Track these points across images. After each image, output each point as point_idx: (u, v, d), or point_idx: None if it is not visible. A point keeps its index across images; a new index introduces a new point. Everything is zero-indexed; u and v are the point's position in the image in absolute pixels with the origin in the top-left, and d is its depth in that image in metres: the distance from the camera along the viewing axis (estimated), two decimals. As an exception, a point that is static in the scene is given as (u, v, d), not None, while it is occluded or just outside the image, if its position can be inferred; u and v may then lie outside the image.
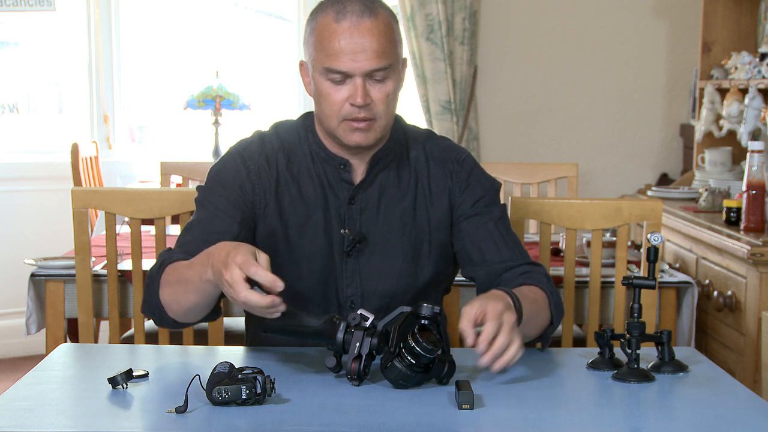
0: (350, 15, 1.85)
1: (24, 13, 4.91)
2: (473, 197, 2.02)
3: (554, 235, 3.42)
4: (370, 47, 1.84)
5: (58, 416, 1.58)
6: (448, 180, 2.02)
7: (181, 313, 1.85)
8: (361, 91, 1.86)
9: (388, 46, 1.87)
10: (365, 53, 1.84)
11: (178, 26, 5.32)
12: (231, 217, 1.94)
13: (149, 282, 1.88)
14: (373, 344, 1.69)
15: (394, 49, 1.89)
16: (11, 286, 4.68)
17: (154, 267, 1.89)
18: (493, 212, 2.03)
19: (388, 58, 1.87)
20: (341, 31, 1.85)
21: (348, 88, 1.87)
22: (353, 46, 1.84)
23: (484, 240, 2.00)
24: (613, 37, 5.05)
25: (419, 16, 4.85)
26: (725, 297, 3.18)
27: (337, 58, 1.85)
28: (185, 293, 1.80)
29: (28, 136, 5.16)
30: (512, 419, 1.57)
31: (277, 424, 1.51)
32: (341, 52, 1.85)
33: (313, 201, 1.97)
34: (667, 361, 1.84)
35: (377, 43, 1.85)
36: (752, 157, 3.17)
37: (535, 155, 5.03)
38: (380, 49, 1.85)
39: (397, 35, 1.91)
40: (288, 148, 2.00)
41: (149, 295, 1.88)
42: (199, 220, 1.95)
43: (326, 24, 1.87)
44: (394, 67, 1.89)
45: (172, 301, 1.84)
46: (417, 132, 2.09)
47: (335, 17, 1.86)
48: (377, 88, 1.88)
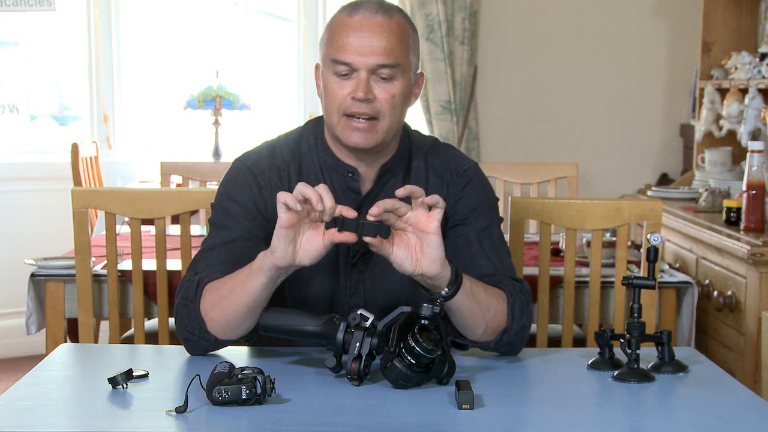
0: (363, 11, 1.86)
1: (24, 13, 4.91)
2: (465, 208, 1.98)
3: (554, 235, 3.42)
4: (378, 43, 1.84)
5: (58, 416, 1.58)
6: (443, 191, 1.98)
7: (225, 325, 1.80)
8: (363, 85, 1.84)
9: (397, 45, 1.86)
10: (372, 48, 1.84)
11: (178, 26, 5.32)
12: (257, 237, 1.91)
13: (184, 302, 1.83)
14: (373, 344, 1.69)
15: (405, 52, 1.87)
16: (11, 286, 4.68)
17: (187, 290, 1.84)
18: (479, 222, 1.97)
19: (396, 58, 1.85)
20: (352, 24, 1.85)
21: (352, 83, 1.86)
22: (361, 41, 1.84)
23: (462, 249, 1.95)
24: (613, 37, 5.05)
25: (419, 16, 4.85)
26: (725, 297, 3.18)
27: (344, 49, 1.85)
28: (236, 302, 1.77)
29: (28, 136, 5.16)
30: (512, 419, 1.57)
31: (277, 424, 1.51)
32: (349, 45, 1.84)
33: None
34: (667, 361, 1.83)
35: (386, 40, 1.84)
36: (752, 157, 3.17)
37: (535, 155, 5.03)
38: (389, 47, 1.84)
39: (411, 40, 1.90)
40: (299, 159, 1.98)
41: (187, 313, 1.83)
42: (224, 242, 1.90)
43: (339, 20, 1.88)
44: (402, 68, 1.87)
45: (217, 313, 1.79)
46: (421, 141, 2.04)
47: (349, 12, 1.87)
48: (382, 86, 1.86)
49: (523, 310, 1.88)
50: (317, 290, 1.96)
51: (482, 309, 1.82)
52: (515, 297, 1.88)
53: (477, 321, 1.83)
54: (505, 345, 1.88)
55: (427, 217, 1.72)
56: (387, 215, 1.70)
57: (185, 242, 2.72)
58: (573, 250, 2.71)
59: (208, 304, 1.81)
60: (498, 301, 1.85)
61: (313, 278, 1.96)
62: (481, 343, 1.87)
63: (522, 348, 1.92)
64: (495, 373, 1.80)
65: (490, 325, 1.85)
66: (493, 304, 1.84)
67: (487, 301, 1.83)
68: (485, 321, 1.83)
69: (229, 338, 1.84)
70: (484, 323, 1.83)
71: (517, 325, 1.87)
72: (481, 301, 1.81)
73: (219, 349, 1.88)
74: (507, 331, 1.86)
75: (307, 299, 1.95)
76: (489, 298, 1.83)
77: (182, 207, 2.68)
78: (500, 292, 1.87)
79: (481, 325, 1.84)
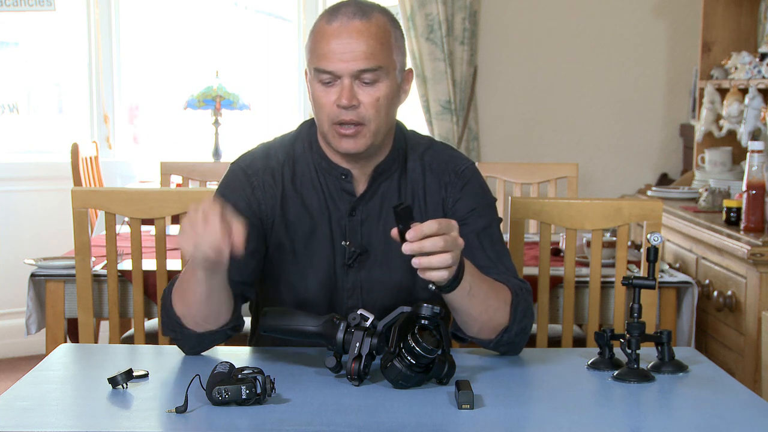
0: (341, 17, 1.85)
1: (24, 13, 4.91)
2: (464, 208, 1.97)
3: (554, 235, 3.42)
4: (358, 48, 1.83)
5: (58, 416, 1.58)
6: (442, 191, 1.98)
7: (195, 317, 1.85)
8: (346, 92, 1.84)
9: (378, 48, 1.85)
10: (353, 53, 1.83)
11: (178, 26, 5.32)
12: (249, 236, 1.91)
13: (163, 302, 1.90)
14: (373, 344, 1.69)
15: (387, 53, 1.86)
16: (11, 286, 4.68)
17: (164, 291, 1.91)
18: (478, 223, 1.97)
19: (378, 60, 1.85)
20: (331, 31, 1.84)
21: (336, 90, 1.86)
22: (341, 47, 1.83)
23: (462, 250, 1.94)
24: (613, 37, 5.05)
25: (419, 16, 4.85)
26: (725, 297, 3.18)
27: (326, 57, 1.84)
28: (192, 293, 1.82)
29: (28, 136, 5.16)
30: (512, 419, 1.57)
31: (277, 424, 1.51)
32: (330, 52, 1.84)
33: (317, 212, 1.96)
34: (667, 361, 1.83)
35: (366, 44, 1.83)
36: (752, 157, 3.17)
37: (535, 155, 5.03)
38: (369, 51, 1.84)
39: (393, 40, 1.88)
40: (293, 160, 1.99)
41: (165, 312, 1.89)
42: None
43: (319, 27, 1.87)
44: (386, 70, 1.86)
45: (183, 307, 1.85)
46: (417, 141, 2.04)
47: (327, 19, 1.86)
48: (366, 91, 1.86)
49: (525, 312, 1.88)
50: (315, 293, 1.97)
51: (478, 310, 1.81)
52: (519, 298, 1.88)
53: (470, 321, 1.83)
54: (504, 345, 1.88)
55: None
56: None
57: (185, 242, 2.71)
58: (573, 250, 2.71)
59: (177, 300, 1.86)
60: (501, 299, 1.85)
61: (309, 281, 1.96)
62: (479, 340, 1.87)
63: (523, 348, 1.92)
64: (495, 373, 1.80)
65: (487, 325, 1.85)
66: (494, 303, 1.84)
67: (487, 301, 1.82)
68: (480, 322, 1.83)
69: (208, 330, 1.86)
70: (479, 324, 1.84)
71: (518, 325, 1.87)
72: (480, 301, 1.81)
73: (209, 345, 1.90)
74: (507, 330, 1.86)
75: (305, 301, 1.96)
76: (490, 297, 1.83)
77: (182, 207, 2.68)
78: (505, 291, 1.87)
79: (476, 325, 1.84)
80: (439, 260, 1.65)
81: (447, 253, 1.65)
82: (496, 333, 1.86)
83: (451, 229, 1.67)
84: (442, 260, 1.65)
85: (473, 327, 1.85)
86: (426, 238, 1.64)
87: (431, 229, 1.64)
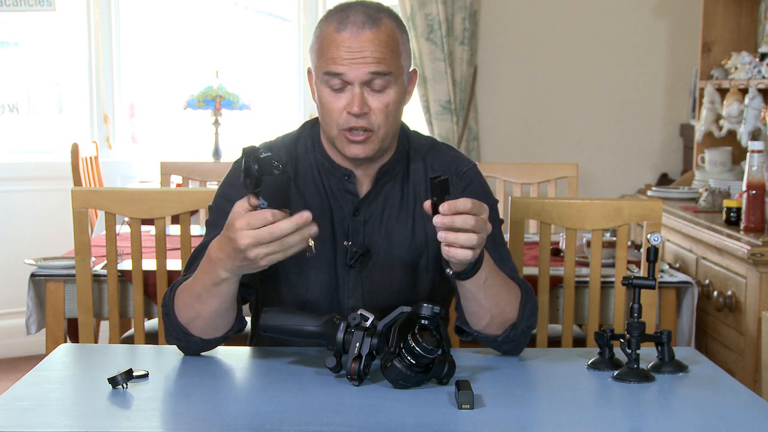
0: (351, 25, 1.85)
1: (24, 13, 4.91)
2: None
3: (554, 235, 3.42)
4: (370, 55, 1.84)
5: (58, 416, 1.58)
6: None
7: (204, 326, 1.84)
8: (358, 99, 1.85)
9: (389, 55, 1.85)
10: (364, 59, 1.84)
11: (178, 26, 5.32)
12: None
13: (165, 309, 1.87)
14: (373, 344, 1.69)
15: (396, 59, 1.87)
16: (11, 286, 4.69)
17: (166, 294, 1.89)
18: None
19: (388, 66, 1.85)
20: (341, 40, 1.84)
21: (346, 97, 1.86)
22: (352, 54, 1.84)
23: None
24: (613, 37, 5.05)
25: (419, 16, 4.85)
26: (725, 297, 3.18)
27: (335, 62, 1.85)
28: (203, 304, 1.80)
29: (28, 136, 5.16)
30: (512, 419, 1.57)
31: (277, 424, 1.51)
32: (340, 58, 1.84)
33: (319, 212, 1.96)
34: (667, 361, 1.83)
35: (377, 52, 1.84)
36: (752, 157, 3.17)
37: (535, 155, 5.03)
38: (380, 57, 1.84)
39: (402, 46, 1.89)
40: (296, 160, 1.99)
41: (168, 320, 1.87)
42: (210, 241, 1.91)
43: (328, 33, 1.87)
44: (395, 76, 1.87)
45: (192, 317, 1.83)
46: (420, 142, 2.05)
47: (336, 27, 1.86)
48: (376, 97, 1.86)
49: (533, 310, 1.90)
50: (316, 293, 1.97)
51: (490, 303, 1.82)
52: (528, 296, 1.90)
53: (481, 312, 1.84)
54: (510, 342, 1.89)
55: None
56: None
57: (185, 242, 2.72)
58: (573, 250, 2.71)
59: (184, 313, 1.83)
60: (512, 294, 1.87)
61: (310, 281, 1.96)
62: (486, 335, 1.88)
63: (524, 348, 1.93)
64: (495, 373, 1.80)
65: (497, 319, 1.85)
66: (506, 297, 1.85)
67: (500, 294, 1.83)
68: (491, 315, 1.84)
69: (215, 336, 1.86)
70: (489, 317, 1.84)
71: (525, 323, 1.88)
72: (493, 294, 1.81)
73: (212, 347, 1.89)
74: (515, 326, 1.87)
75: (306, 301, 1.96)
76: (503, 291, 1.84)
77: (182, 207, 2.68)
78: (516, 288, 1.89)
79: (485, 317, 1.84)
80: (466, 238, 1.65)
81: (475, 234, 1.65)
82: (503, 328, 1.87)
83: (482, 211, 1.67)
84: (468, 239, 1.65)
85: (482, 320, 1.85)
86: (458, 214, 1.64)
87: (465, 207, 1.64)
